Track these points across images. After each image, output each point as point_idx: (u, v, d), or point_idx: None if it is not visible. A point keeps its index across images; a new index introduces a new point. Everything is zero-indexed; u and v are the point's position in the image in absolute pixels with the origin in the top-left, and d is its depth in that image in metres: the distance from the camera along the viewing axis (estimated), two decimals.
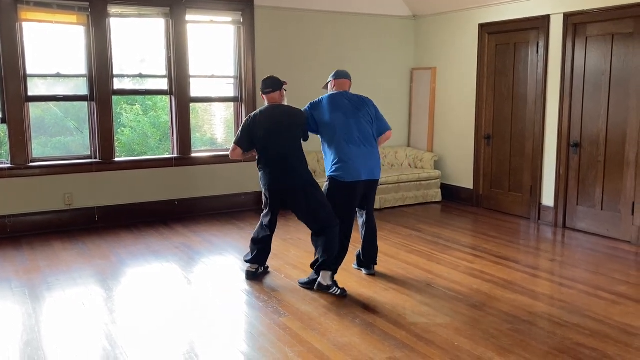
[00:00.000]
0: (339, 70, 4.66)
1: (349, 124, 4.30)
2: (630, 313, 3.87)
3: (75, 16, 5.95)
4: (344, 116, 4.31)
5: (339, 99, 4.40)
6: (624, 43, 5.43)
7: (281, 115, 4.31)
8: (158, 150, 7.04)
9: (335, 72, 4.63)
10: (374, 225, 4.62)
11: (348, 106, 4.37)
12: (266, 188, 4.36)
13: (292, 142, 4.31)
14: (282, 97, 4.44)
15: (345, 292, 4.21)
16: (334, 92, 4.50)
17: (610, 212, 5.70)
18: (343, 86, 4.54)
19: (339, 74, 4.59)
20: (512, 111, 6.66)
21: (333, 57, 7.30)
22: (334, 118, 4.31)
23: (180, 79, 6.47)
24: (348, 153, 4.26)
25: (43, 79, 6.03)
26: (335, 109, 4.34)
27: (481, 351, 3.29)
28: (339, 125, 4.29)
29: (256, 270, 4.59)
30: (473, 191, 7.23)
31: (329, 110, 4.35)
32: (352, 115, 4.33)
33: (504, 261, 5.01)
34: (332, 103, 4.38)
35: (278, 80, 4.39)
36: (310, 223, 4.31)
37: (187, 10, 6.41)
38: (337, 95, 4.43)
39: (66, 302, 4.07)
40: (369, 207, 4.55)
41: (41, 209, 5.94)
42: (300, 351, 3.31)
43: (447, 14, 7.36)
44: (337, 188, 4.29)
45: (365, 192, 4.40)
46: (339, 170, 4.27)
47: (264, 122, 4.28)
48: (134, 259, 5.10)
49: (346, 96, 4.44)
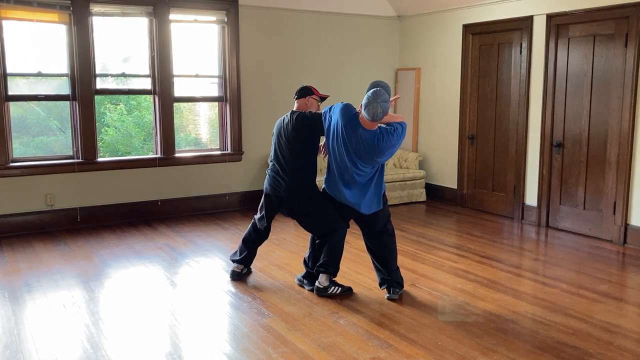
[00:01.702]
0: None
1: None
2: (612, 311, 3.91)
3: (56, 14, 5.88)
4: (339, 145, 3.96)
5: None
6: (605, 44, 5.49)
7: (291, 123, 4.17)
8: (142, 150, 6.99)
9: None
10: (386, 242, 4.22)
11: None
12: (264, 189, 4.37)
13: (295, 152, 4.13)
14: (308, 105, 4.27)
15: (350, 289, 4.23)
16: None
17: (592, 212, 5.76)
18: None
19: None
20: (495, 111, 6.70)
21: (317, 57, 7.30)
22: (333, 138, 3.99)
23: (163, 79, 6.43)
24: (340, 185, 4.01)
25: (24, 78, 5.95)
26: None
27: (465, 350, 3.30)
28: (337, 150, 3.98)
29: (241, 271, 4.57)
30: (457, 191, 7.27)
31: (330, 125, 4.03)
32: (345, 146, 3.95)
33: (487, 260, 5.03)
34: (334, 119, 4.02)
35: (307, 88, 4.29)
36: (311, 231, 4.31)
37: (171, 10, 6.37)
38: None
39: (47, 304, 4.02)
40: (375, 228, 4.17)
41: (22, 209, 5.86)
42: (284, 352, 3.30)
43: (432, 14, 7.39)
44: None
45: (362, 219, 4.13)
46: (330, 190, 4.09)
47: (277, 124, 4.29)
48: (117, 260, 5.05)
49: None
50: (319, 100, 4.33)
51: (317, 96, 4.31)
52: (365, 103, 3.77)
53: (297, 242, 5.62)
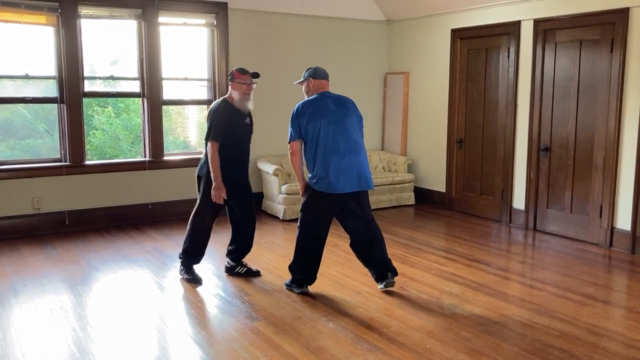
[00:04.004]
0: (317, 67, 4.27)
1: (334, 133, 4.03)
2: (598, 314, 3.94)
3: (44, 17, 5.84)
4: (328, 124, 4.04)
5: (322, 104, 4.11)
6: (592, 49, 5.55)
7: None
8: (130, 153, 6.95)
9: (313, 69, 4.24)
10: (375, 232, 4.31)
11: (333, 112, 4.08)
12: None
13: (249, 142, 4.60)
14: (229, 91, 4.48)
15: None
16: (314, 95, 4.19)
17: (579, 215, 5.81)
18: (323, 87, 4.24)
19: (319, 72, 4.23)
20: (483, 115, 6.75)
21: (306, 61, 7.28)
22: (317, 126, 4.04)
23: (152, 82, 6.41)
24: (332, 164, 4.01)
25: (11, 80, 5.91)
26: (318, 115, 4.05)
27: (453, 353, 3.32)
28: (322, 134, 4.02)
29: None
30: (446, 194, 7.30)
31: (311, 116, 4.05)
32: (337, 122, 4.06)
33: (475, 264, 5.06)
34: (315, 109, 4.08)
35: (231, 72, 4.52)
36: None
37: (160, 12, 6.35)
38: (319, 100, 4.14)
39: (34, 309, 3.99)
40: (366, 215, 4.24)
41: (8, 213, 5.81)
42: (273, 356, 3.29)
43: (420, 19, 7.43)
44: (316, 200, 4.11)
45: (350, 204, 4.14)
46: (319, 184, 4.05)
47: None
48: (105, 264, 5.02)
49: (330, 99, 4.15)
50: (242, 82, 4.39)
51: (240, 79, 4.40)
52: (309, 74, 4.23)
53: (286, 245, 5.62)
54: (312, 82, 4.23)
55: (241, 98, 4.41)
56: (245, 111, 4.48)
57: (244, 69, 4.46)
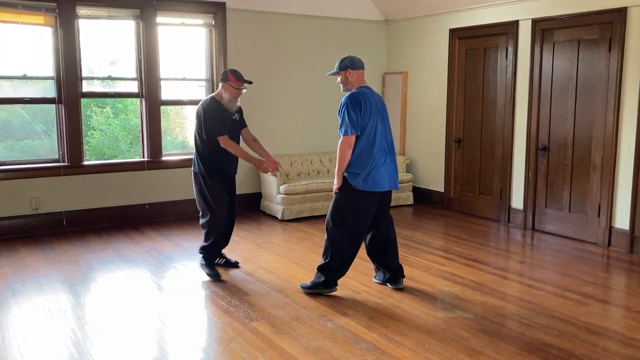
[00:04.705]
0: (353, 57, 4.07)
1: (383, 131, 4.02)
2: (596, 313, 3.95)
3: (42, 17, 5.83)
4: (379, 122, 3.99)
5: (371, 100, 3.98)
6: (590, 49, 5.55)
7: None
8: (129, 154, 6.95)
9: (349, 59, 4.05)
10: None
11: (379, 109, 4.02)
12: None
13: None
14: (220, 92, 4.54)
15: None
16: (362, 89, 4.03)
17: (577, 215, 5.81)
18: (362, 78, 4.09)
19: (357, 62, 4.05)
20: (482, 115, 6.75)
21: (305, 61, 7.31)
22: (374, 123, 3.96)
23: (150, 82, 6.40)
24: (380, 163, 4.01)
25: (9, 80, 5.90)
26: (373, 112, 3.96)
27: (452, 353, 3.32)
28: (378, 132, 3.98)
29: None
30: (444, 194, 7.31)
31: (368, 112, 3.93)
32: (383, 121, 4.04)
33: (474, 263, 5.06)
34: (369, 104, 3.95)
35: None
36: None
37: (158, 13, 6.35)
38: (368, 95, 4.00)
39: (32, 309, 3.98)
40: (389, 214, 4.35)
41: (7, 213, 5.80)
42: (272, 356, 3.29)
43: (419, 18, 7.43)
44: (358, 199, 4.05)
45: (382, 202, 4.19)
46: (366, 182, 3.99)
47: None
48: (103, 264, 5.01)
49: (373, 94, 4.06)
50: (235, 87, 4.50)
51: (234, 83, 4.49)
52: (346, 64, 4.07)
53: (284, 245, 5.62)
54: (352, 73, 4.06)
55: (230, 100, 4.55)
56: (232, 110, 4.61)
57: (240, 74, 4.54)
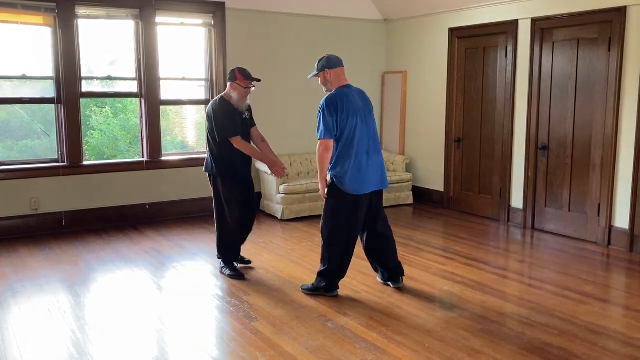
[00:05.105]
0: (330, 55, 4.05)
1: (366, 131, 3.98)
2: (596, 312, 3.95)
3: (41, 17, 5.83)
4: (360, 122, 3.95)
5: (352, 99, 3.95)
6: (589, 48, 5.55)
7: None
8: (128, 154, 6.94)
9: (326, 58, 4.03)
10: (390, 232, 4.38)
11: (361, 108, 3.98)
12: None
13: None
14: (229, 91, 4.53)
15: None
16: (342, 88, 4.02)
17: (577, 214, 5.81)
18: (341, 76, 4.05)
19: (333, 61, 4.01)
20: (481, 114, 6.75)
21: (304, 60, 7.30)
22: (353, 124, 3.92)
23: (150, 82, 6.40)
24: (363, 164, 3.97)
25: (8, 80, 5.90)
26: (353, 112, 3.93)
27: (452, 352, 3.32)
28: (358, 133, 3.93)
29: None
30: (444, 193, 7.31)
31: (347, 113, 3.90)
32: (365, 120, 3.99)
33: (474, 263, 5.06)
34: (349, 105, 3.92)
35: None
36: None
37: (158, 12, 6.35)
38: (348, 94, 3.97)
39: (32, 309, 3.98)
40: (383, 213, 4.30)
41: (6, 214, 5.80)
42: (272, 356, 3.29)
43: (418, 18, 7.43)
44: (348, 203, 4.01)
45: (373, 202, 4.15)
46: (351, 184, 3.95)
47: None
48: (103, 264, 5.01)
49: (355, 93, 4.02)
50: (244, 86, 4.49)
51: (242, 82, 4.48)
52: (324, 64, 4.05)
53: (284, 245, 5.62)
54: (329, 72, 4.04)
55: (239, 99, 4.52)
56: (242, 109, 4.58)
57: (248, 73, 4.53)
